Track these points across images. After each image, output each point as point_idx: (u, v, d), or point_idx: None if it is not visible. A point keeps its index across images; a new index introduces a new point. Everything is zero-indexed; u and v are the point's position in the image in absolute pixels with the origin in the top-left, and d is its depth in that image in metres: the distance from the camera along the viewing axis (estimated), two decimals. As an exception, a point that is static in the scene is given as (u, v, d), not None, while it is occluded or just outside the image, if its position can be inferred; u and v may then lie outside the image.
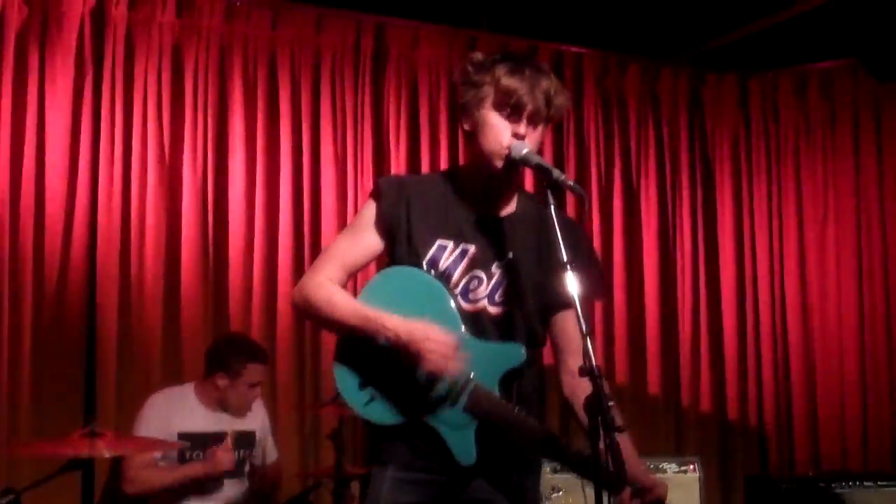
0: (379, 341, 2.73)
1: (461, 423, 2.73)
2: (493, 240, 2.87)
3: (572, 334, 2.83)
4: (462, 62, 2.90)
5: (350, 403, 2.84)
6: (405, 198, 2.88)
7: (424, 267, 2.83)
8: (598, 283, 3.06)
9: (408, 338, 2.69)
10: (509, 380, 2.78)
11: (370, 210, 2.92)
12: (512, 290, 2.84)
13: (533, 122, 2.78)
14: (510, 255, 2.86)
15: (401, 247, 2.87)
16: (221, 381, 4.81)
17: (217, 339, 5.15)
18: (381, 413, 2.79)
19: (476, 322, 2.81)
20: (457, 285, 2.83)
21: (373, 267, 3.27)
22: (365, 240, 2.91)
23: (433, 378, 2.71)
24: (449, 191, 2.92)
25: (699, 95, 7.00)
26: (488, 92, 2.77)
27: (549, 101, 2.78)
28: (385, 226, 2.88)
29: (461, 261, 2.85)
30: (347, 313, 2.79)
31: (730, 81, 7.03)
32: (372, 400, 2.80)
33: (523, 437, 2.75)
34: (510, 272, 2.85)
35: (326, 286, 2.85)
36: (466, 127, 2.85)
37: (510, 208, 2.93)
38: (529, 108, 2.75)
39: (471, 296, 2.83)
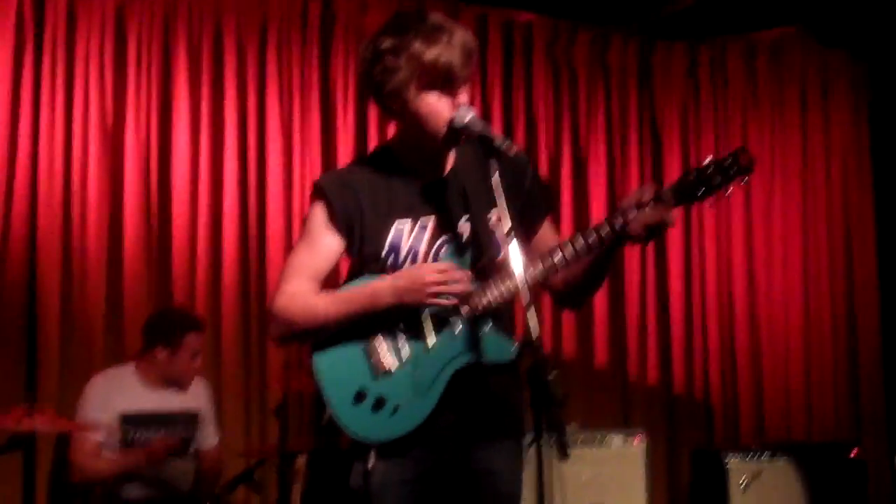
0: (378, 306, 2.69)
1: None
2: (448, 202, 2.83)
3: (550, 242, 2.83)
4: (364, 48, 2.78)
5: (344, 423, 2.74)
6: (351, 190, 2.82)
7: (385, 251, 2.78)
8: (549, 204, 3.04)
9: (404, 280, 2.67)
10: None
11: (320, 212, 2.84)
12: (486, 238, 2.81)
13: (465, 83, 2.74)
14: (469, 207, 2.82)
15: (359, 239, 2.81)
16: (161, 354, 4.79)
17: (154, 313, 5.11)
18: (389, 426, 2.74)
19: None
20: (425, 259, 2.79)
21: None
22: (324, 244, 2.84)
23: (444, 310, 2.69)
24: (387, 171, 2.86)
25: (649, 64, 6.96)
26: (412, 73, 2.67)
27: (469, 54, 2.72)
28: (342, 222, 2.81)
29: (423, 234, 2.81)
30: (330, 308, 2.74)
31: (679, 50, 7.00)
32: (374, 411, 2.74)
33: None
34: (476, 223, 2.82)
35: (297, 297, 2.79)
36: (396, 110, 2.76)
37: (450, 162, 2.88)
38: (461, 75, 2.70)
39: None
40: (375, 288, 2.71)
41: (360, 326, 2.75)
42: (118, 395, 4.74)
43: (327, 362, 2.76)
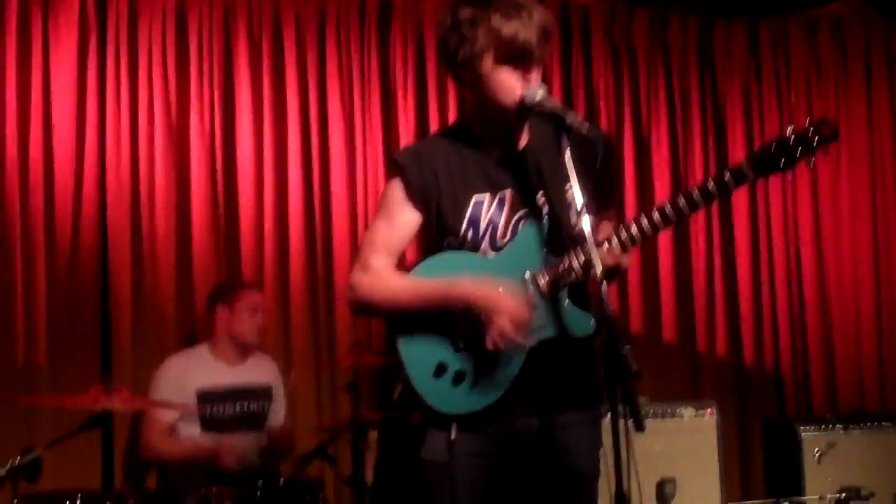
0: (453, 309, 2.73)
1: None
2: (524, 176, 2.85)
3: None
4: (443, 15, 2.80)
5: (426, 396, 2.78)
6: (428, 164, 2.85)
7: (464, 226, 2.81)
8: (613, 196, 3.07)
9: (482, 304, 2.69)
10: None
11: (396, 187, 2.87)
12: (561, 213, 2.82)
13: (539, 62, 2.75)
14: (545, 182, 2.83)
15: (437, 214, 2.84)
16: (222, 313, 4.98)
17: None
18: (468, 399, 2.77)
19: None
20: (503, 237, 2.81)
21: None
22: (402, 218, 2.86)
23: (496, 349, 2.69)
24: (462, 146, 2.88)
25: (709, 42, 6.92)
26: (487, 46, 2.70)
27: (547, 35, 2.73)
28: (419, 196, 2.84)
29: (502, 208, 2.82)
30: (409, 299, 2.78)
31: (739, 28, 6.95)
32: (455, 385, 2.77)
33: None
34: (552, 198, 2.83)
35: (379, 278, 2.83)
36: (468, 80, 2.79)
37: (525, 138, 2.90)
38: (536, 53, 2.72)
39: None
40: (451, 294, 2.73)
41: None
42: (193, 374, 4.87)
43: (408, 337, 2.79)
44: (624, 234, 2.73)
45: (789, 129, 2.66)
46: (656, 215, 2.73)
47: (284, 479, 4.48)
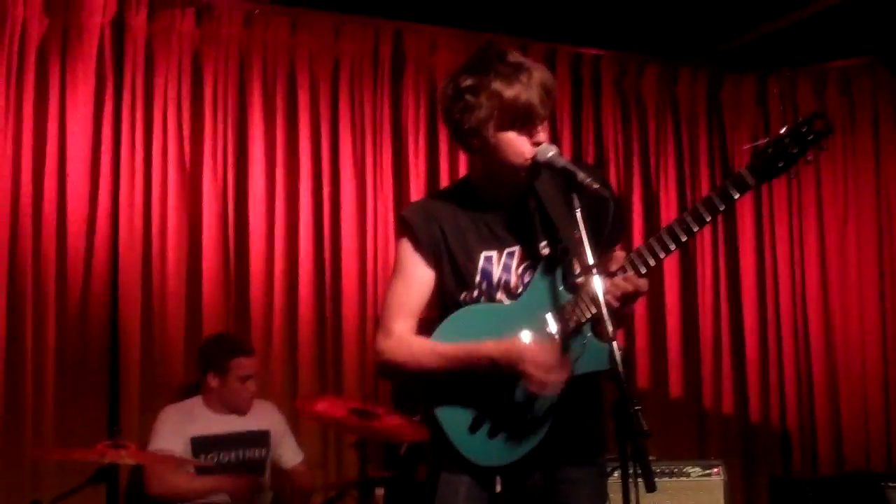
0: (478, 370, 2.75)
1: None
2: (532, 229, 2.88)
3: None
4: (446, 86, 2.84)
5: (461, 447, 2.82)
6: (435, 222, 2.90)
7: (478, 278, 2.84)
8: (622, 228, 3.04)
9: (506, 361, 2.71)
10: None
11: (407, 246, 2.92)
12: (571, 263, 2.84)
13: (543, 121, 2.78)
14: (552, 234, 2.86)
15: (447, 271, 2.88)
16: (213, 381, 4.94)
17: (204, 340, 5.24)
18: (496, 453, 2.80)
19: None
20: (517, 287, 2.85)
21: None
22: (417, 277, 2.91)
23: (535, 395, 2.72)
24: (468, 203, 2.92)
25: (718, 96, 6.98)
26: (492, 111, 2.73)
27: (548, 92, 2.77)
28: (430, 253, 2.89)
29: (511, 263, 2.86)
30: (434, 360, 2.81)
31: (748, 81, 7.01)
32: (488, 439, 2.80)
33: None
34: (559, 249, 2.85)
35: (403, 343, 2.87)
36: (476, 147, 2.81)
37: (532, 196, 2.92)
38: (540, 113, 2.75)
39: None
40: (477, 355, 2.76)
41: None
42: (188, 423, 4.87)
43: (440, 397, 2.83)
44: (638, 259, 2.74)
45: (784, 129, 2.64)
46: (665, 235, 2.73)
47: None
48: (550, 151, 2.75)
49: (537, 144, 2.76)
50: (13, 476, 5.04)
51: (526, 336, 2.78)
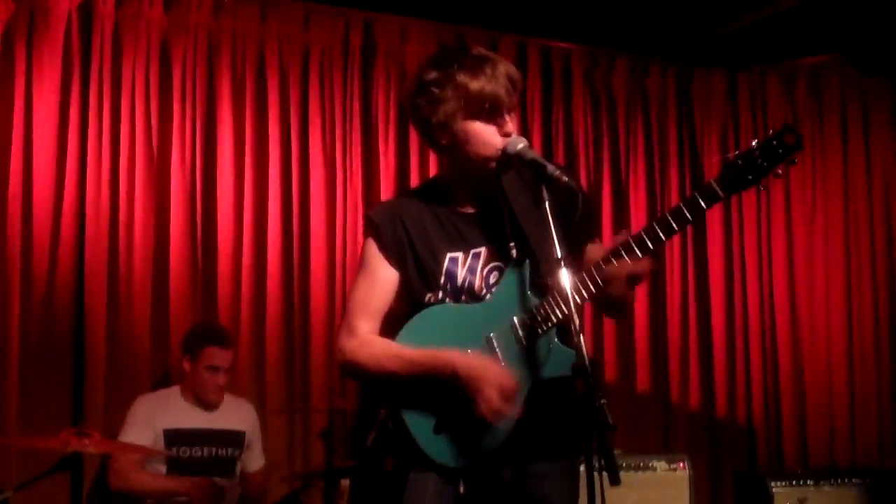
0: (438, 378, 2.73)
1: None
2: (497, 229, 2.87)
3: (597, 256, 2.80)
4: (410, 82, 2.86)
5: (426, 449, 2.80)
6: (400, 222, 2.88)
7: (442, 280, 2.84)
8: (596, 227, 3.04)
9: (465, 375, 2.69)
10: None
11: (372, 247, 2.91)
12: (538, 260, 2.82)
13: (510, 112, 2.78)
14: (519, 232, 2.85)
15: (413, 271, 2.87)
16: (186, 365, 4.94)
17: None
18: (454, 455, 2.79)
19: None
20: (481, 288, 2.84)
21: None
22: (381, 277, 2.89)
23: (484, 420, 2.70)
24: (436, 203, 2.91)
25: (688, 90, 6.99)
26: (458, 103, 2.73)
27: (514, 84, 2.77)
28: (394, 255, 2.88)
29: (477, 262, 2.85)
30: (396, 364, 2.79)
31: (718, 77, 7.03)
32: (453, 441, 2.79)
33: None
34: (526, 247, 2.84)
35: (366, 345, 2.85)
36: (444, 142, 2.81)
37: (499, 192, 2.91)
38: (506, 103, 2.75)
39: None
40: (437, 365, 2.74)
41: None
42: (162, 413, 4.82)
43: (405, 399, 2.80)
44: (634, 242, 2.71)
45: (754, 142, 2.64)
46: (634, 243, 2.71)
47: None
48: (520, 143, 2.75)
49: (507, 136, 2.76)
50: (-25, 464, 4.99)
51: (491, 351, 2.78)
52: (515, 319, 2.79)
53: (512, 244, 2.86)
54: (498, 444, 2.77)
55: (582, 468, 2.55)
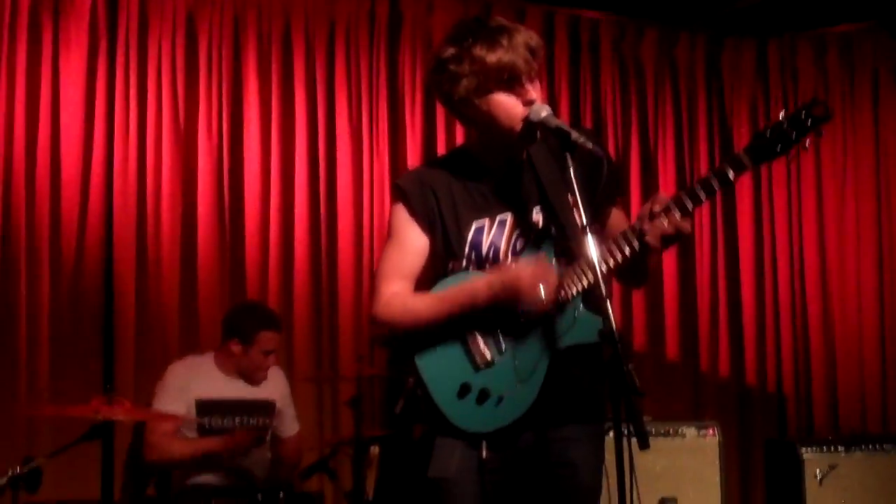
0: (477, 305, 2.71)
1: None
2: (523, 196, 2.85)
3: (622, 226, 2.79)
4: (429, 61, 2.84)
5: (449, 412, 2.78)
6: (429, 189, 2.86)
7: (466, 250, 2.82)
8: (619, 190, 3.02)
9: (502, 283, 2.68)
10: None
11: (401, 213, 2.88)
12: (564, 227, 2.80)
13: (531, 79, 2.76)
14: (545, 199, 2.83)
15: (440, 239, 2.85)
16: (236, 348, 4.85)
17: (234, 305, 5.18)
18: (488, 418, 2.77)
19: None
20: (507, 256, 2.82)
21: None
22: (411, 241, 2.87)
23: (536, 312, 2.69)
24: (463, 172, 2.89)
25: (717, 61, 6.94)
26: (477, 77, 2.70)
27: (533, 52, 2.74)
28: (424, 221, 2.85)
29: (502, 230, 2.83)
30: (431, 309, 2.77)
31: (748, 46, 6.97)
32: (476, 405, 2.77)
33: None
34: (553, 213, 2.82)
35: (395, 300, 2.83)
36: (470, 116, 2.79)
37: (527, 160, 2.90)
38: (525, 72, 2.72)
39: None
40: (474, 287, 2.73)
41: (457, 323, 2.77)
42: (195, 382, 4.81)
43: (428, 361, 2.78)
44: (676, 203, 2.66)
45: (782, 113, 2.63)
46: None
47: (284, 493, 4.46)
48: (543, 111, 2.72)
49: (529, 104, 2.74)
50: (7, 432, 5.05)
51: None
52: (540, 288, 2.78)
53: (538, 212, 2.85)
54: (522, 409, 2.75)
55: (610, 434, 2.54)
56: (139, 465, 4.86)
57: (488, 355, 2.77)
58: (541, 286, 2.66)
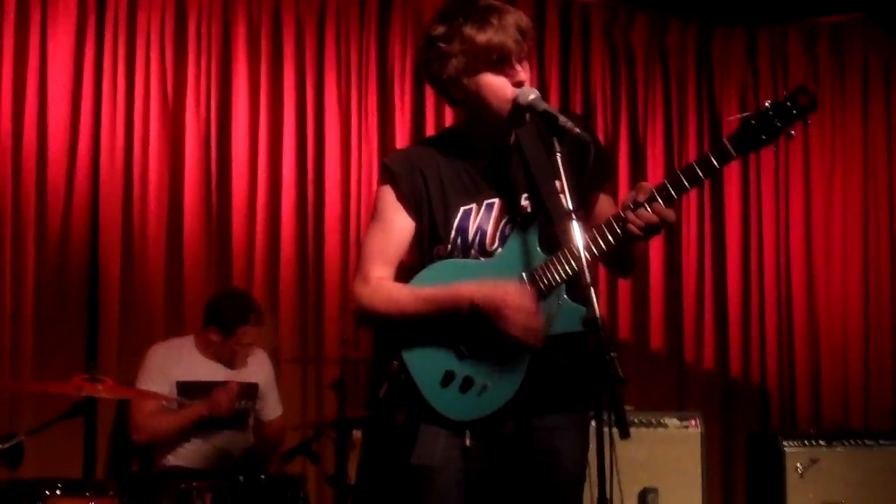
0: (459, 312, 2.70)
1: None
2: (511, 180, 2.84)
3: (609, 213, 2.77)
4: (419, 40, 2.84)
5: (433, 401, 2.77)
6: (417, 170, 2.84)
7: (452, 234, 2.80)
8: (607, 175, 3.01)
9: (485, 303, 2.66)
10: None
11: (388, 194, 2.86)
12: (550, 213, 2.78)
13: (521, 61, 2.74)
14: (531, 184, 2.82)
15: (426, 223, 2.83)
16: (215, 337, 4.86)
17: (218, 293, 5.15)
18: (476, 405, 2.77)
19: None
20: (493, 240, 2.81)
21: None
22: (397, 225, 2.85)
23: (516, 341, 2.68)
24: (452, 154, 2.87)
25: (707, 48, 6.91)
26: (467, 57, 2.69)
27: (524, 33, 2.72)
28: (411, 204, 2.83)
29: (489, 215, 2.82)
30: (413, 305, 2.76)
31: (738, 34, 6.94)
32: (460, 394, 2.76)
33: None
34: (539, 198, 2.81)
35: (381, 288, 2.81)
36: (457, 97, 2.77)
37: (514, 143, 2.88)
38: (515, 53, 2.71)
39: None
40: (458, 296, 2.71)
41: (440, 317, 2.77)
42: (176, 363, 4.81)
43: (412, 349, 2.77)
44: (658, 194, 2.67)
45: (767, 102, 2.62)
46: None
47: (266, 475, 4.45)
48: (531, 94, 2.70)
49: (518, 85, 2.72)
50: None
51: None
52: (524, 275, 2.77)
53: (526, 196, 2.84)
54: (506, 398, 2.75)
55: (592, 423, 2.53)
56: (123, 447, 4.87)
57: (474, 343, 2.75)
58: (527, 317, 2.64)
